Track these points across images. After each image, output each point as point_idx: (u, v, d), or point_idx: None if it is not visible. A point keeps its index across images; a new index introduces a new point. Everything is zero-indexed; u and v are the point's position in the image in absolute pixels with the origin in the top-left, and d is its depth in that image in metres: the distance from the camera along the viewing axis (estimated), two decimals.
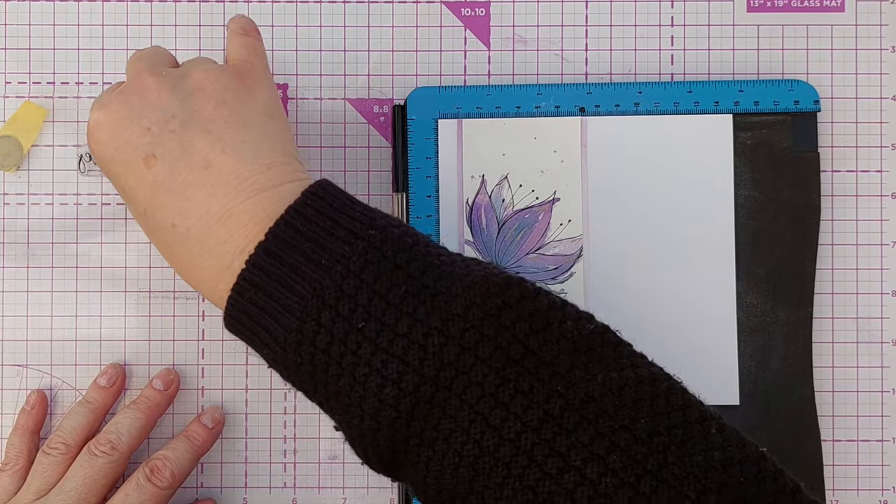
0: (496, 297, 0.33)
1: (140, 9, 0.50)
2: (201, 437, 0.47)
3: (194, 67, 0.39)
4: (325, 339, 0.33)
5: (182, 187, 0.36)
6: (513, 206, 0.48)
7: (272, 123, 0.38)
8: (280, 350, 0.34)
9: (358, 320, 0.33)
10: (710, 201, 0.48)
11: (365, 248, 0.33)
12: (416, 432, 0.33)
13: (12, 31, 0.49)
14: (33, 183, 0.49)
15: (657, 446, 0.31)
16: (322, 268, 0.33)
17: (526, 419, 0.32)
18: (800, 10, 0.50)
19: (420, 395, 0.32)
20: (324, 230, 0.34)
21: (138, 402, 0.47)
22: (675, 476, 0.31)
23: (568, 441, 0.31)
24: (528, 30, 0.50)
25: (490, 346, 0.32)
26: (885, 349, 0.49)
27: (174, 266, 0.38)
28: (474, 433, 0.32)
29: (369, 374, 0.32)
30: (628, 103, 0.48)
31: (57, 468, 0.45)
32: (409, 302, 0.33)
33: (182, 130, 0.37)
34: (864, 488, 0.49)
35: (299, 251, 0.34)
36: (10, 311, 0.49)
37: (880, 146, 0.49)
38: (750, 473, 0.31)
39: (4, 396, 0.49)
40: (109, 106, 0.38)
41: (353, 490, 0.49)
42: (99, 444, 0.45)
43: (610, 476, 0.31)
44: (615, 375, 0.32)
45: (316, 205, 0.35)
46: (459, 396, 0.32)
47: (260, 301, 0.34)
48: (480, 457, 0.32)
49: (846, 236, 0.49)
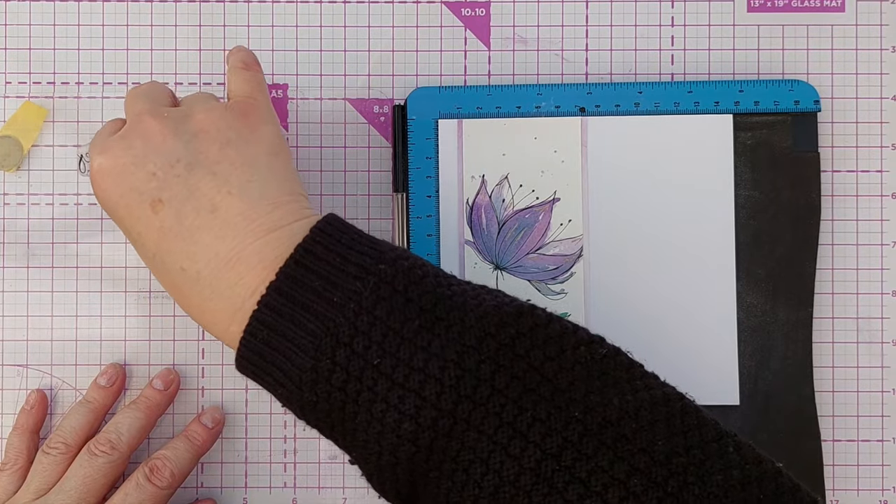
0: (510, 327, 0.33)
1: (140, 9, 0.50)
2: (201, 437, 0.47)
3: (196, 107, 0.38)
4: (340, 377, 0.33)
5: (190, 231, 0.36)
6: (513, 206, 0.48)
7: (277, 161, 0.38)
8: (295, 389, 0.34)
9: (373, 357, 0.33)
10: (710, 201, 0.48)
11: (376, 284, 0.34)
12: (435, 465, 0.33)
13: (12, 31, 0.49)
14: (33, 183, 0.49)
15: (676, 468, 0.31)
16: (335, 305, 0.33)
17: (545, 447, 0.32)
18: (800, 10, 0.50)
19: (438, 428, 0.32)
20: (334, 267, 0.34)
21: (138, 402, 0.47)
22: (696, 497, 0.31)
23: (588, 467, 0.31)
24: (528, 30, 0.50)
25: (506, 375, 0.32)
26: (885, 349, 0.49)
27: (186, 309, 0.38)
28: (494, 464, 0.32)
29: (387, 410, 0.32)
30: (628, 103, 0.48)
31: (56, 468, 0.45)
32: (423, 336, 0.33)
33: (188, 174, 0.36)
34: (864, 488, 0.49)
35: (311, 289, 0.34)
36: (10, 311, 0.49)
37: (880, 146, 0.49)
38: (769, 490, 0.31)
39: (4, 396, 0.49)
40: (112, 151, 0.37)
41: (353, 490, 0.49)
42: (99, 444, 0.45)
43: (632, 500, 0.31)
44: (630, 398, 0.33)
45: (324, 241, 0.35)
46: (477, 428, 0.32)
47: (273, 341, 0.34)
48: (501, 486, 0.32)
49: (846, 236, 0.49)
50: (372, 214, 0.49)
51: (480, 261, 0.48)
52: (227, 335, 0.36)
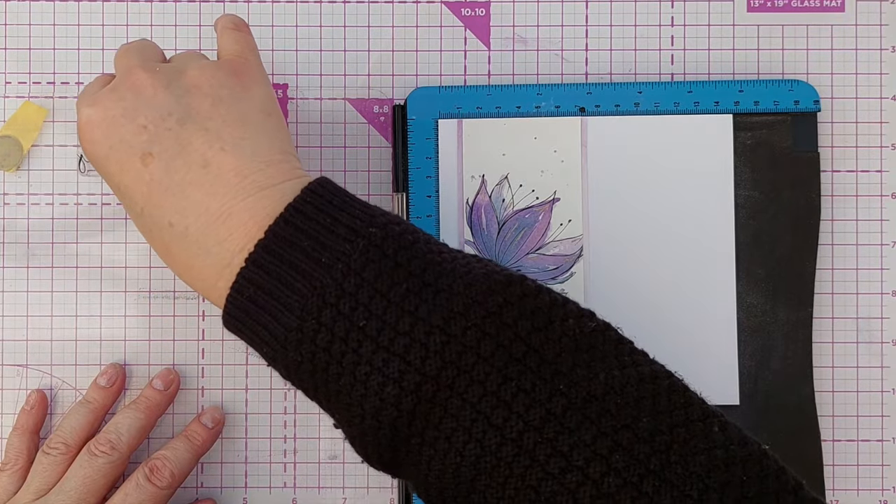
0: (498, 295, 0.33)
1: (140, 9, 0.50)
2: (201, 437, 0.47)
3: (189, 64, 0.38)
4: (325, 338, 0.33)
5: (180, 186, 0.36)
6: (513, 206, 0.48)
7: (269, 121, 0.38)
8: (280, 349, 0.34)
9: (359, 318, 0.32)
10: (710, 201, 0.48)
11: (366, 246, 0.33)
12: (417, 431, 0.33)
13: (12, 31, 0.49)
14: (33, 183, 0.49)
15: (660, 445, 0.31)
16: (323, 266, 0.33)
17: (528, 418, 0.31)
18: (800, 10, 0.50)
19: (421, 393, 0.32)
20: (324, 228, 0.34)
21: (138, 402, 0.47)
22: (678, 475, 0.31)
23: (570, 440, 0.31)
24: (528, 30, 0.50)
25: (492, 344, 0.32)
26: (885, 349, 0.49)
27: (171, 266, 0.38)
28: (476, 432, 0.32)
29: (370, 372, 0.32)
30: (628, 103, 0.48)
31: (57, 468, 0.45)
32: (410, 300, 0.33)
33: (179, 128, 0.36)
34: (864, 488, 0.49)
35: (299, 249, 0.34)
36: (10, 311, 0.49)
37: (880, 146, 0.49)
38: (752, 472, 0.31)
39: (4, 396, 0.49)
40: (102, 103, 0.37)
41: (353, 490, 0.49)
42: (99, 444, 0.45)
43: (613, 476, 0.31)
44: (617, 374, 0.32)
45: (316, 202, 0.35)
46: (461, 395, 0.32)
47: (260, 299, 0.34)
48: (482, 456, 0.32)
49: (846, 236, 0.49)
50: None
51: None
52: (213, 292, 0.36)
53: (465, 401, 0.32)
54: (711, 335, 0.48)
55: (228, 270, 0.35)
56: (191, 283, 0.37)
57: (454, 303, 0.33)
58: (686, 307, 0.48)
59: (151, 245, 0.38)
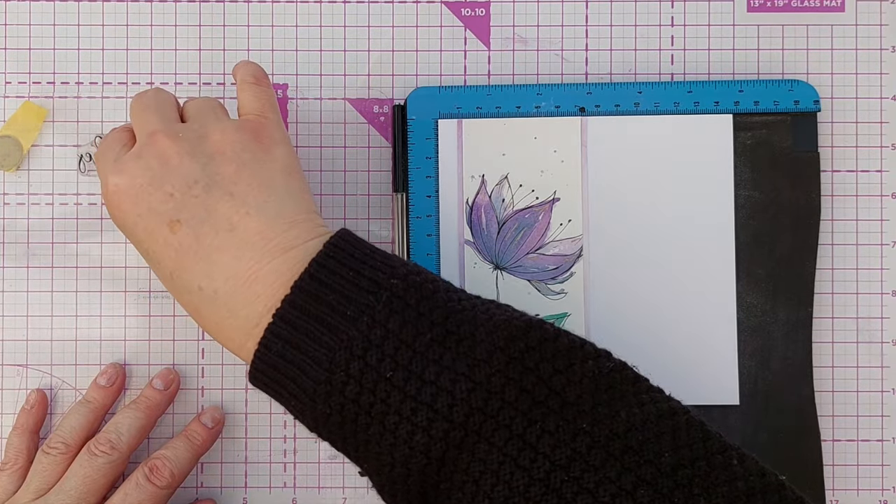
0: (519, 341, 0.34)
1: (140, 9, 0.50)
2: (201, 437, 0.47)
3: (209, 126, 0.39)
4: (354, 390, 0.33)
5: (207, 251, 0.36)
6: (513, 206, 0.48)
7: (292, 181, 0.39)
8: (309, 401, 0.34)
9: (386, 370, 0.33)
10: (710, 201, 0.48)
11: (389, 298, 0.34)
12: (446, 477, 0.33)
13: (12, 31, 0.49)
14: (33, 183, 0.49)
15: (682, 479, 0.32)
16: (348, 319, 0.34)
17: (554, 458, 0.32)
18: (800, 10, 0.50)
19: (450, 440, 0.33)
20: (348, 281, 0.35)
21: (138, 402, 0.47)
22: None
23: (596, 478, 0.32)
24: (528, 30, 0.50)
25: (516, 388, 0.33)
26: (885, 349, 0.49)
27: (202, 325, 0.38)
28: (504, 475, 0.32)
29: (399, 422, 0.33)
30: (628, 103, 0.48)
31: (56, 468, 0.45)
32: (434, 349, 0.33)
33: (206, 195, 0.37)
34: (864, 488, 0.49)
35: (325, 303, 0.34)
36: (10, 311, 0.49)
37: (880, 146, 0.49)
38: (772, 501, 0.32)
39: (4, 396, 0.49)
40: (128, 171, 0.38)
41: (353, 490, 0.49)
42: (98, 444, 0.45)
43: None
44: (637, 411, 0.33)
45: (338, 256, 0.35)
46: (488, 440, 0.32)
47: (288, 354, 0.34)
48: (511, 497, 0.32)
49: (846, 236, 0.49)
50: (372, 214, 0.49)
51: (480, 261, 0.48)
52: (243, 351, 0.36)
53: (492, 445, 0.32)
54: (711, 335, 0.48)
55: (257, 330, 0.35)
56: (222, 343, 0.38)
57: (477, 350, 0.33)
58: (686, 307, 0.48)
59: (182, 307, 0.39)
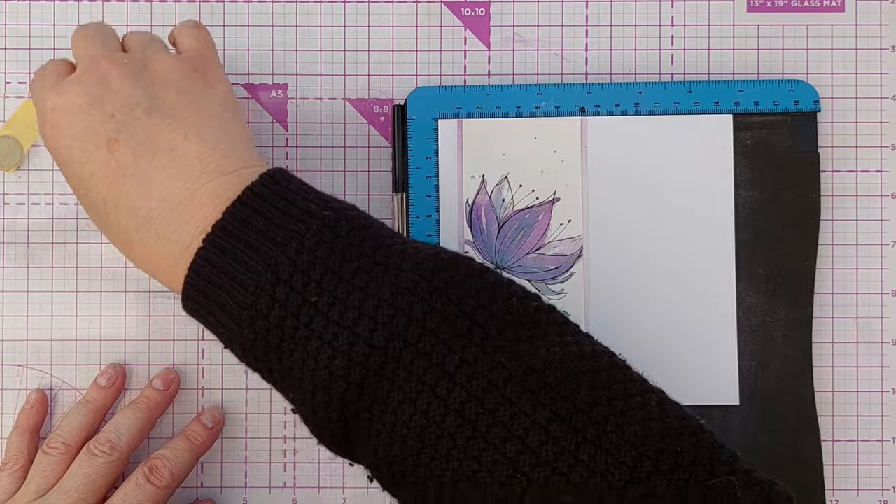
0: (444, 272, 0.34)
1: (140, 9, 0.50)
2: (201, 437, 0.47)
3: (151, 55, 0.39)
4: (278, 314, 0.34)
5: (145, 171, 0.36)
6: (513, 206, 0.48)
7: (230, 116, 0.39)
8: (235, 327, 0.35)
9: (311, 295, 0.33)
10: (710, 201, 0.48)
11: (320, 227, 0.34)
12: (365, 406, 0.33)
13: (12, 31, 0.49)
14: (33, 183, 0.49)
15: (597, 416, 0.32)
16: (277, 245, 0.34)
17: (471, 389, 0.32)
18: (800, 10, 0.50)
19: (369, 365, 0.33)
20: (279, 210, 0.35)
21: (138, 402, 0.47)
22: (613, 444, 0.32)
23: (511, 411, 0.32)
24: (528, 30, 0.50)
25: (437, 317, 0.33)
26: (885, 349, 0.49)
27: (131, 257, 0.38)
28: (421, 404, 0.33)
29: (321, 347, 0.33)
30: (628, 103, 0.48)
31: (56, 468, 0.45)
32: (360, 277, 0.34)
33: (146, 118, 0.37)
34: (864, 488, 0.49)
35: (255, 229, 0.34)
36: (10, 311, 0.49)
37: (880, 146, 0.50)
38: (687, 443, 0.32)
39: (4, 396, 0.49)
40: (68, 94, 0.38)
41: (353, 490, 0.49)
42: (98, 444, 0.45)
43: (551, 444, 0.32)
44: (557, 350, 0.33)
45: (273, 187, 0.36)
46: (408, 368, 0.33)
47: (216, 278, 0.35)
48: (427, 427, 0.33)
49: (846, 236, 0.49)
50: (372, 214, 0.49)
51: (480, 260, 0.48)
52: (172, 278, 0.36)
53: (411, 373, 0.33)
54: (712, 335, 0.48)
55: (187, 253, 0.35)
56: (152, 273, 0.38)
57: (402, 279, 0.34)
58: (686, 307, 0.48)
59: (109, 237, 0.39)
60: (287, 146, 0.49)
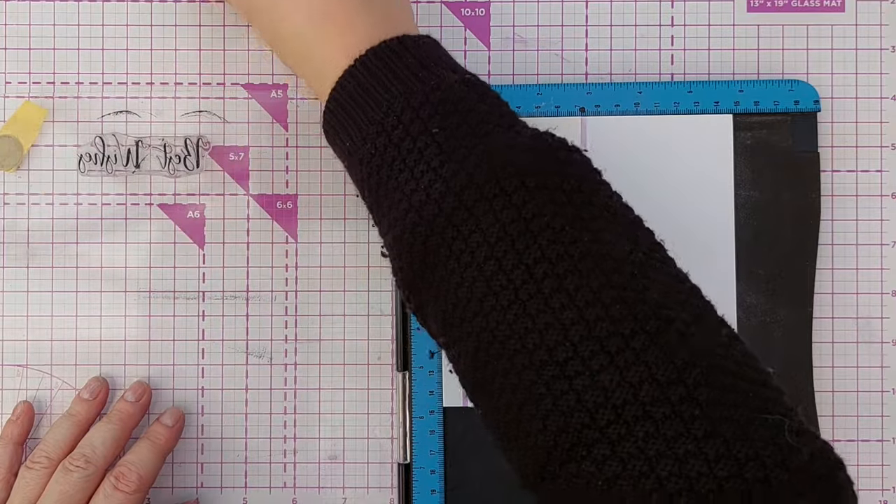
0: (557, 151, 0.35)
1: (140, 9, 0.50)
2: (163, 437, 0.47)
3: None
4: (399, 134, 0.36)
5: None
6: None
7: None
8: (360, 141, 0.38)
9: (433, 125, 0.36)
10: (710, 201, 0.48)
11: (463, 80, 0.37)
12: (447, 241, 0.34)
13: (12, 31, 0.49)
14: (33, 183, 0.49)
15: (662, 315, 0.32)
16: (419, 79, 0.37)
17: (547, 251, 0.33)
18: (800, 10, 0.50)
19: (464, 198, 0.34)
20: (431, 59, 0.38)
21: (111, 416, 0.47)
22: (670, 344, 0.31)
23: (578, 282, 0.32)
24: (528, 30, 0.50)
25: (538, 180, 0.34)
26: (885, 349, 0.49)
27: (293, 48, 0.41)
28: (498, 251, 0.33)
29: (426, 171, 0.35)
30: (628, 103, 0.48)
31: (40, 482, 0.45)
32: (482, 127, 0.36)
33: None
34: (864, 488, 0.49)
35: (404, 63, 0.38)
36: (10, 311, 0.49)
37: (880, 146, 0.49)
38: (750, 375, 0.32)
39: (4, 396, 0.49)
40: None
41: (353, 490, 0.49)
42: (73, 460, 0.44)
43: (607, 322, 0.32)
44: (642, 256, 0.34)
45: (431, 44, 0.39)
46: (496, 213, 0.34)
47: (357, 95, 0.38)
48: (496, 274, 0.33)
49: (846, 236, 0.49)
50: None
51: None
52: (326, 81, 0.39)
53: (497, 219, 0.34)
54: None
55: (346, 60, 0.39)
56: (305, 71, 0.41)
57: (518, 139, 0.35)
58: None
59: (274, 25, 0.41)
60: (287, 146, 0.49)
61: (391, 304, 0.49)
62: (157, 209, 0.49)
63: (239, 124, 0.49)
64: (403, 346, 0.48)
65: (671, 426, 0.30)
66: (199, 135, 0.49)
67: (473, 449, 0.48)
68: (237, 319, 0.49)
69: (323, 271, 0.49)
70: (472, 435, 0.48)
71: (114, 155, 0.49)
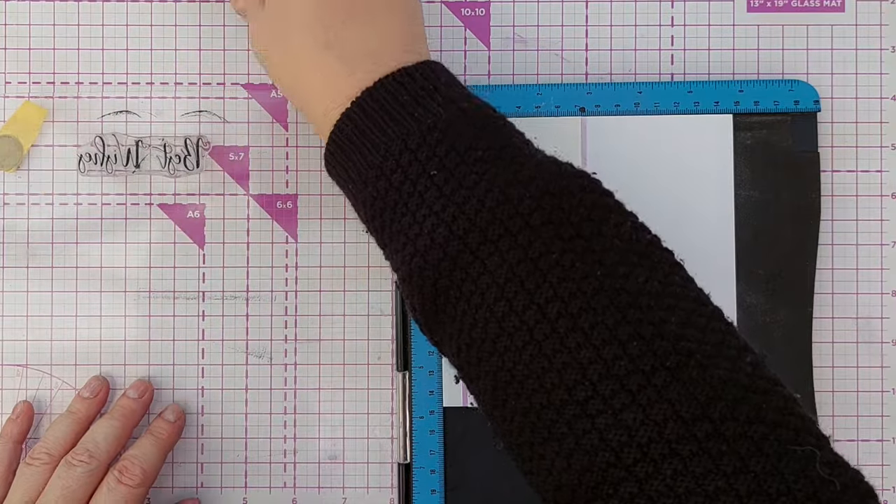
0: (562, 180, 0.35)
1: (140, 9, 0.50)
2: (166, 432, 0.47)
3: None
4: (399, 178, 0.36)
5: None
6: None
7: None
8: (361, 185, 0.37)
9: (432, 167, 0.35)
10: (710, 201, 0.48)
11: (457, 113, 0.37)
12: (456, 283, 0.34)
13: (12, 31, 0.49)
14: (33, 183, 0.49)
15: (681, 349, 0.31)
16: (414, 119, 0.37)
17: (558, 289, 0.32)
18: (800, 10, 0.50)
19: (468, 241, 0.34)
20: (426, 92, 0.37)
21: (113, 412, 0.47)
22: (691, 379, 0.31)
23: (593, 319, 0.32)
24: (528, 30, 0.50)
25: (543, 218, 0.33)
26: (885, 349, 0.49)
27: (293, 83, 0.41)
28: (508, 291, 0.33)
29: (428, 215, 0.35)
30: (628, 103, 0.48)
31: (39, 478, 0.45)
32: (481, 165, 0.35)
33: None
34: None
35: (399, 102, 0.37)
36: (10, 311, 0.49)
37: (880, 146, 0.49)
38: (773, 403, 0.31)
39: (4, 396, 0.49)
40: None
41: (353, 490, 0.49)
42: (76, 455, 0.44)
43: (626, 360, 0.31)
44: (657, 285, 0.33)
45: (425, 73, 0.38)
46: (503, 254, 0.33)
47: (355, 138, 0.38)
48: (508, 315, 0.33)
49: (846, 236, 0.49)
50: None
51: None
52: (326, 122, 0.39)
53: (504, 260, 0.33)
54: None
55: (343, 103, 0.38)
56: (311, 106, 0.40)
57: (520, 174, 0.35)
58: None
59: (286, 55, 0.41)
60: (287, 146, 0.49)
61: (391, 304, 0.49)
62: (157, 209, 0.49)
63: (239, 124, 0.49)
64: (403, 346, 0.48)
65: (699, 463, 0.30)
66: (199, 135, 0.49)
67: (473, 449, 0.48)
68: (237, 319, 0.49)
69: (323, 271, 0.49)
70: (472, 435, 0.48)
71: (114, 155, 0.49)
